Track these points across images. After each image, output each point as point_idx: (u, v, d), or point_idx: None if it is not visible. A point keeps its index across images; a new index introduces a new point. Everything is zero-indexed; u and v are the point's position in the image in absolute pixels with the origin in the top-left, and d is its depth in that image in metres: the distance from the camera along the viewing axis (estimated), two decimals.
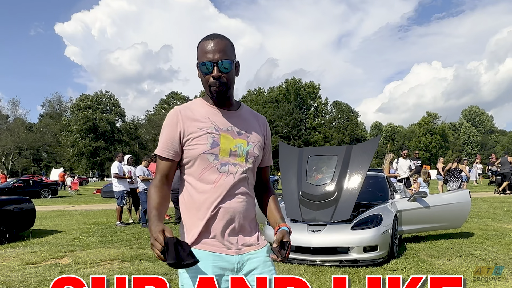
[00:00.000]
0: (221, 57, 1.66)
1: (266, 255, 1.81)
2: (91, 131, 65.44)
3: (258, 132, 1.86)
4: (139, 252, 6.68)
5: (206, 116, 1.75)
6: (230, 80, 1.71)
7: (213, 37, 1.71)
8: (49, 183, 27.39)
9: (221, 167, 1.71)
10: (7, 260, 6.37)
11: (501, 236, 7.25)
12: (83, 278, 5.08)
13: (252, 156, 1.79)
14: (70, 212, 14.47)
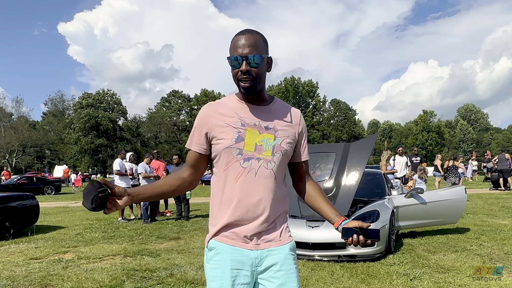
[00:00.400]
0: (250, 52, 1.64)
1: (288, 252, 1.76)
2: (93, 129, 65.31)
3: (288, 126, 1.80)
4: (141, 248, 6.69)
5: (234, 112, 1.75)
6: (259, 75, 1.68)
7: (245, 32, 1.70)
8: (52, 180, 27.37)
9: (243, 162, 1.69)
10: (12, 256, 6.37)
11: (496, 232, 7.26)
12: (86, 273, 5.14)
13: (279, 150, 1.73)
14: (73, 208, 14.47)
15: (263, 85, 1.75)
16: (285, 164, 1.81)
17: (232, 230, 1.71)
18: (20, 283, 4.82)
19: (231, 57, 1.67)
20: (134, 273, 5.09)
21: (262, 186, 1.70)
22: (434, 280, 4.49)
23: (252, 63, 1.64)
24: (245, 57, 1.63)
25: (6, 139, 54.02)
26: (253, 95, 1.74)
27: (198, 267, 5.34)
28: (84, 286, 4.56)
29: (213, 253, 1.73)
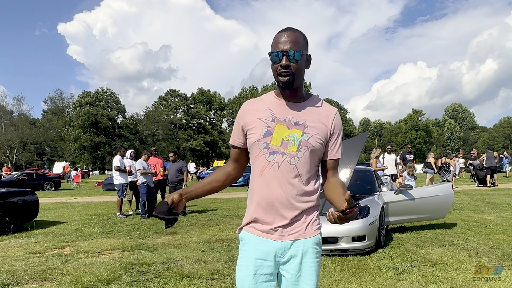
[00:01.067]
0: (291, 48, 1.65)
1: (311, 245, 1.74)
2: (92, 126, 65.07)
3: (321, 122, 1.76)
4: (138, 242, 6.66)
5: (268, 107, 1.77)
6: (298, 70, 1.69)
7: (287, 30, 1.71)
8: (52, 176, 27.22)
9: (269, 156, 1.70)
10: (12, 250, 6.32)
11: (482, 227, 7.30)
12: (84, 267, 5.10)
13: (305, 146, 1.70)
14: (72, 204, 14.39)
15: (301, 81, 1.75)
16: (313, 160, 1.76)
17: (259, 221, 1.74)
18: (20, 276, 4.78)
19: (273, 53, 1.68)
20: (131, 267, 5.07)
21: (284, 180, 1.69)
22: (422, 273, 4.51)
23: (292, 58, 1.65)
24: (286, 53, 1.64)
25: (7, 136, 53.79)
26: (291, 90, 1.73)
27: (194, 261, 5.33)
28: (83, 280, 4.53)
29: (242, 244, 1.79)
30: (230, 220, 8.99)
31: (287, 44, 1.65)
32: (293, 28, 1.74)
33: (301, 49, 1.68)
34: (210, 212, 10.59)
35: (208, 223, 8.65)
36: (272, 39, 1.74)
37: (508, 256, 5.16)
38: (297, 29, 1.75)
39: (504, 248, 5.57)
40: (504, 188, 16.24)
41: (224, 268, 4.96)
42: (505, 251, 5.43)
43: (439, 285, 4.09)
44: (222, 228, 7.96)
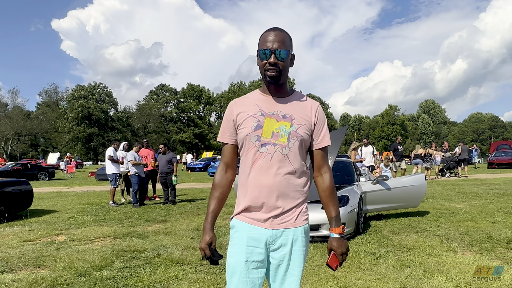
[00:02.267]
0: (279, 47, 1.68)
1: (300, 234, 1.75)
2: (85, 118, 64.16)
3: (306, 115, 1.79)
4: (130, 230, 6.59)
5: (256, 103, 1.78)
6: (284, 68, 1.72)
7: (274, 29, 1.74)
8: (46, 166, 26.74)
9: (261, 147, 1.70)
10: (6, 238, 6.19)
11: (452, 214, 7.41)
12: (77, 254, 5.02)
13: (295, 136, 1.72)
14: (66, 193, 14.18)
15: (285, 78, 1.78)
16: (302, 151, 1.77)
17: (251, 210, 1.74)
18: (14, 264, 4.68)
19: (261, 50, 1.71)
20: (123, 254, 5.01)
21: (276, 170, 1.69)
22: (398, 258, 4.56)
23: (279, 57, 1.68)
24: (274, 51, 1.68)
25: (2, 127, 52.93)
26: (276, 86, 1.76)
27: (183, 247, 5.30)
28: (76, 266, 4.46)
29: (233, 231, 1.78)
30: None
31: (276, 43, 1.68)
32: (280, 28, 1.77)
33: (287, 48, 1.72)
34: (199, 201, 10.55)
35: (197, 211, 8.61)
36: (260, 37, 1.77)
37: (476, 241, 5.26)
38: (284, 30, 1.77)
39: (472, 234, 5.67)
40: (473, 179, 16.55)
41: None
42: (473, 237, 5.52)
43: (413, 269, 4.14)
44: None
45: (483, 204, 8.75)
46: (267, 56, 1.69)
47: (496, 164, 24.59)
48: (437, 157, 18.29)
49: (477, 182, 14.52)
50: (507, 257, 4.52)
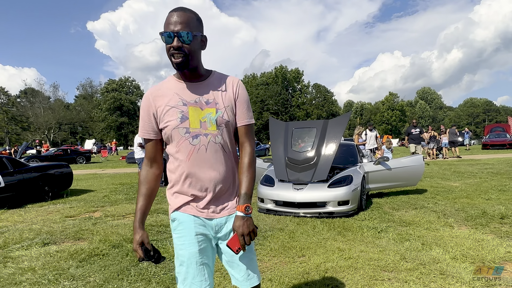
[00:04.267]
0: (182, 29, 1.42)
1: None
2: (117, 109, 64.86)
3: (227, 95, 1.55)
4: (157, 207, 6.65)
5: (174, 92, 1.53)
6: (191, 51, 1.45)
7: (178, 10, 1.46)
8: (84, 151, 27.20)
9: (192, 140, 1.50)
10: (50, 214, 6.33)
11: (448, 192, 7.27)
12: (111, 228, 5.07)
13: (222, 122, 1.52)
14: (100, 175, 14.42)
15: (197, 61, 1.51)
16: (232, 134, 1.59)
17: (192, 203, 1.56)
18: (57, 237, 4.79)
19: (164, 33, 1.44)
20: (151, 228, 5.06)
21: (214, 160, 1.52)
22: (398, 232, 4.49)
23: (184, 39, 1.42)
24: (177, 33, 1.42)
25: (45, 118, 53.96)
26: (187, 71, 1.51)
27: None
28: (110, 239, 4.53)
29: (176, 223, 1.58)
30: None
31: (178, 25, 1.42)
32: (185, 8, 1.48)
33: (193, 30, 1.45)
34: None
35: None
36: (167, 16, 1.48)
37: (471, 217, 5.14)
38: (189, 9, 1.49)
39: (468, 210, 5.54)
40: (468, 159, 16.19)
41: None
42: (468, 212, 5.40)
43: (412, 242, 4.08)
44: None
45: (477, 182, 8.55)
46: (169, 39, 1.43)
47: (490, 146, 23.99)
48: (444, 138, 17.97)
49: (472, 162, 14.20)
50: (500, 231, 4.41)
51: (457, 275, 3.12)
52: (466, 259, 3.49)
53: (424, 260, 3.48)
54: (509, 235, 4.21)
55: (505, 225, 4.67)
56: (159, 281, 3.20)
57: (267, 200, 5.81)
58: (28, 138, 55.08)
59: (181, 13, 1.44)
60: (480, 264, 3.34)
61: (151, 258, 1.51)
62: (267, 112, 65.49)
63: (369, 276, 3.16)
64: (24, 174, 7.67)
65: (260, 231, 4.75)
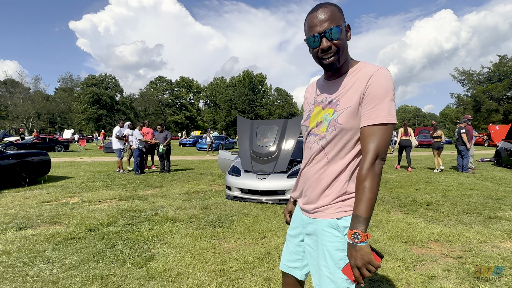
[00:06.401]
0: (328, 26, 1.15)
1: (324, 228, 1.25)
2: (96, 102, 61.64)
3: (354, 92, 1.19)
4: (132, 193, 6.38)
5: (314, 90, 1.37)
6: (341, 46, 1.18)
7: (317, 8, 1.18)
8: (62, 140, 25.56)
9: (308, 138, 1.35)
10: (27, 199, 5.86)
11: (386, 183, 7.56)
12: (88, 213, 4.77)
13: (333, 125, 1.21)
14: (78, 163, 13.60)
15: (346, 56, 1.23)
16: (344, 140, 1.22)
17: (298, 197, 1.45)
18: (33, 221, 4.43)
19: (309, 38, 1.18)
20: (126, 213, 4.84)
21: (314, 161, 1.30)
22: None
23: (331, 37, 1.16)
24: (323, 34, 1.16)
25: (24, 107, 50.54)
26: (336, 69, 1.25)
27: (176, 208, 5.17)
28: (87, 223, 4.26)
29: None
30: (204, 176, 8.83)
31: (324, 23, 1.15)
32: (323, 3, 1.20)
33: (338, 23, 1.16)
34: (189, 170, 10.36)
35: (187, 178, 8.45)
36: (305, 21, 1.22)
37: (404, 204, 5.38)
38: (328, 2, 1.20)
39: (401, 198, 5.80)
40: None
41: (200, 213, 4.84)
42: (402, 200, 5.65)
43: None
44: (198, 182, 7.80)
45: (409, 175, 9.00)
46: (316, 42, 1.17)
47: (419, 145, 25.55)
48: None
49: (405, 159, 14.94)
50: (427, 216, 4.65)
51: (392, 252, 3.25)
52: (400, 239, 3.64)
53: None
54: (433, 219, 4.46)
55: (430, 210, 4.94)
56: (133, 262, 3.05)
57: (234, 188, 5.75)
58: (6, 126, 51.13)
59: (322, 10, 1.17)
60: (411, 243, 3.51)
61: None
62: (235, 110, 65.28)
63: None
64: (1, 161, 7.04)
65: (227, 215, 4.68)
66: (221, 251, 3.32)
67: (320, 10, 1.17)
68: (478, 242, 3.54)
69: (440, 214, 4.73)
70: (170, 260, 3.10)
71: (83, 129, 61.97)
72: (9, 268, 2.92)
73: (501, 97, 38.09)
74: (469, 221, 4.37)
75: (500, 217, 4.51)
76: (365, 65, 1.23)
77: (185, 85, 75.36)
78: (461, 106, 42.32)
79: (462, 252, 3.26)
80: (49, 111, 56.52)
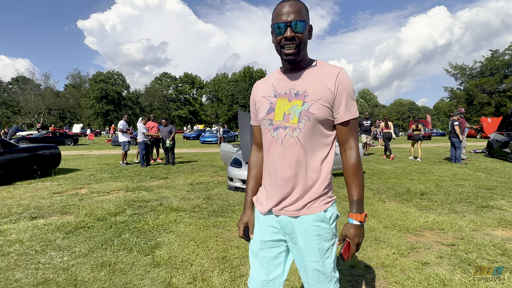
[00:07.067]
0: (295, 18, 1.16)
1: (312, 223, 1.22)
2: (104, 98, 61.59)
3: (321, 87, 1.19)
4: (138, 185, 6.39)
5: (271, 83, 1.29)
6: (303, 41, 1.19)
7: (288, 0, 1.19)
8: (72, 134, 25.55)
9: (273, 132, 1.24)
10: (38, 191, 5.88)
11: (382, 174, 7.55)
12: (97, 203, 4.77)
13: (306, 115, 1.18)
14: (87, 156, 13.63)
15: (305, 52, 1.23)
16: (318, 130, 1.21)
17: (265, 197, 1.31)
18: (45, 211, 4.45)
19: (275, 25, 1.18)
20: (133, 203, 4.84)
21: (289, 154, 1.21)
22: (342, 206, 4.59)
23: (297, 29, 1.16)
24: (289, 24, 1.16)
25: (35, 103, 50.68)
26: (295, 63, 1.22)
27: (180, 198, 5.17)
28: (95, 213, 4.27)
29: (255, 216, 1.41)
30: (207, 168, 8.83)
31: (291, 14, 1.16)
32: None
33: (304, 18, 1.18)
34: (193, 163, 10.36)
35: (191, 170, 8.45)
36: (273, 11, 1.23)
37: (399, 194, 5.38)
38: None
39: (396, 188, 5.79)
40: (396, 148, 16.97)
41: (203, 203, 4.85)
42: (397, 190, 5.64)
43: None
44: (201, 174, 7.80)
45: (404, 166, 8.98)
46: (281, 30, 1.17)
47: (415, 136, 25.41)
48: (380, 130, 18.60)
49: (400, 150, 14.92)
50: (420, 205, 4.64)
51: (387, 240, 3.24)
52: (395, 227, 3.64)
53: None
54: (427, 208, 4.45)
55: (424, 200, 4.93)
56: (140, 249, 3.06)
57: (236, 179, 5.75)
58: (18, 121, 51.26)
59: (291, 3, 1.18)
60: (405, 231, 3.50)
61: (247, 238, 1.40)
62: (236, 104, 65.10)
63: None
64: (13, 154, 7.04)
65: (229, 205, 4.68)
66: (223, 239, 3.32)
67: (290, 2, 1.18)
68: (470, 230, 3.53)
69: (433, 203, 4.72)
70: (175, 248, 3.10)
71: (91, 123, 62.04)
72: (22, 256, 2.93)
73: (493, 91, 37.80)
74: (461, 210, 4.35)
75: (492, 206, 4.49)
76: (323, 62, 1.27)
77: (189, 81, 75.13)
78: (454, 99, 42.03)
79: (455, 240, 3.25)
80: (59, 106, 56.58)
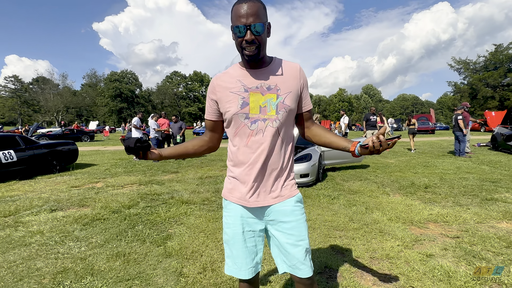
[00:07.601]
0: (254, 21, 1.15)
1: (294, 204, 1.30)
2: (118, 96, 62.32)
3: (290, 81, 1.28)
4: (151, 179, 6.43)
5: (237, 79, 1.27)
6: (262, 42, 1.20)
7: (246, 1, 1.16)
8: (88, 131, 25.88)
9: (251, 125, 1.25)
10: (57, 185, 5.98)
11: (386, 167, 7.45)
12: (112, 196, 4.81)
13: (283, 108, 1.25)
14: (103, 151, 13.81)
15: (265, 51, 1.25)
16: (291, 120, 1.31)
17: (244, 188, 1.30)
18: (63, 204, 4.52)
19: (235, 27, 1.18)
20: (146, 196, 4.88)
21: (270, 144, 1.25)
22: (347, 199, 4.56)
23: (256, 32, 1.16)
24: (249, 26, 1.15)
25: (54, 102, 51.82)
26: (257, 61, 1.24)
27: (191, 191, 5.19)
28: (110, 206, 4.32)
29: (226, 203, 1.38)
30: (216, 163, 8.84)
31: (250, 17, 1.15)
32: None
33: (262, 20, 1.18)
34: (202, 157, 10.38)
35: (201, 165, 8.48)
36: (232, 9, 1.21)
37: (403, 187, 5.29)
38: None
39: (400, 182, 5.70)
40: (400, 141, 16.74)
41: (212, 196, 4.85)
42: (401, 183, 5.56)
43: (358, 206, 4.14)
44: (211, 168, 7.82)
45: (408, 159, 8.84)
46: (242, 33, 1.16)
47: (417, 131, 24.98)
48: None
49: (404, 144, 14.69)
50: (424, 198, 4.56)
51: (392, 232, 3.19)
52: (399, 220, 3.58)
53: (367, 221, 3.54)
54: (431, 201, 4.37)
55: (428, 193, 4.85)
56: (152, 240, 3.08)
57: None
58: (38, 119, 52.23)
59: (250, 4, 1.16)
60: (409, 223, 3.45)
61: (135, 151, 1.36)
62: None
63: (324, 234, 3.17)
64: (34, 150, 7.17)
65: None
66: None
67: (249, 4, 1.16)
68: (475, 223, 3.46)
69: (437, 196, 4.63)
70: (186, 239, 3.11)
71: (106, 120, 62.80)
72: (43, 246, 2.98)
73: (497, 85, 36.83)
74: (466, 202, 4.26)
75: (496, 198, 4.39)
76: (281, 59, 1.33)
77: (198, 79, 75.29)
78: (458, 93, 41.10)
79: (459, 232, 3.19)
80: (76, 105, 57.54)
